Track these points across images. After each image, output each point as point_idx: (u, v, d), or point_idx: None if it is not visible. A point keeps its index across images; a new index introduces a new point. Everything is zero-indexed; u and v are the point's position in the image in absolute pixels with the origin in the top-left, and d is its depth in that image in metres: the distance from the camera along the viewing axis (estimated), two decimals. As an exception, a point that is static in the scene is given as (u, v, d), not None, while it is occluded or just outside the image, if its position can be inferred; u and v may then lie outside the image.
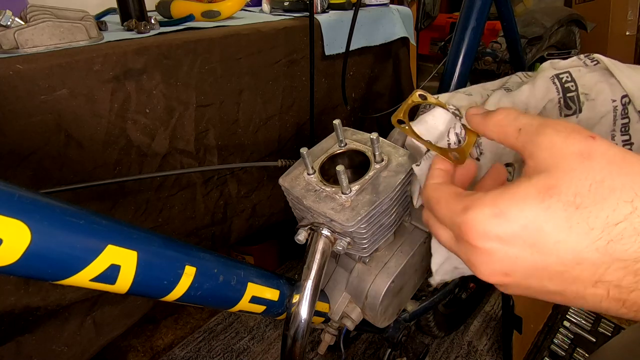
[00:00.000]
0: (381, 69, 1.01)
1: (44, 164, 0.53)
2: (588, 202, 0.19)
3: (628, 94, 0.30)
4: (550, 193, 0.20)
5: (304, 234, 0.45)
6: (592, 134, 0.20)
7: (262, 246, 1.22)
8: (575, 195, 0.19)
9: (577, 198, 0.19)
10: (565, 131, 0.21)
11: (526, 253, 0.21)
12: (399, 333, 0.67)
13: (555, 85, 0.32)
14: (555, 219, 0.19)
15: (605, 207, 0.19)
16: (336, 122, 0.46)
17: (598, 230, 0.19)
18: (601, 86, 0.31)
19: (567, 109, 0.32)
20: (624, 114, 0.30)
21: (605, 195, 0.19)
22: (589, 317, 1.07)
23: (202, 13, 0.76)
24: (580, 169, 0.19)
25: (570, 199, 0.19)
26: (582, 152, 0.20)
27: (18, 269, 0.25)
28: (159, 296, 0.34)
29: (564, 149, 0.20)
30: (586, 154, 0.20)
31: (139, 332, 1.09)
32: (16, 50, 0.52)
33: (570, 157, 0.20)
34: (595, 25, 1.55)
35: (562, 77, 0.32)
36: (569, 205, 0.19)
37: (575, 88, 0.32)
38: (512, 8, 0.76)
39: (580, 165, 0.19)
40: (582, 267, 0.20)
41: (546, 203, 0.20)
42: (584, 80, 0.32)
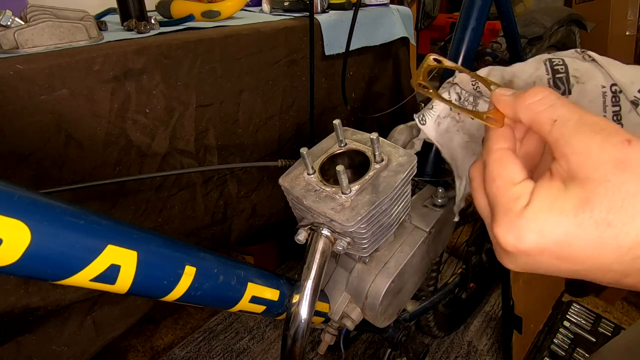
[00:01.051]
0: (381, 69, 1.01)
1: (44, 164, 0.53)
2: (620, 219, 0.19)
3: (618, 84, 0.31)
4: (584, 208, 0.20)
5: (304, 234, 0.45)
6: (629, 136, 0.20)
7: (262, 246, 1.22)
8: (608, 211, 0.20)
9: (609, 215, 0.20)
10: (602, 133, 0.20)
11: (553, 262, 0.22)
12: (399, 333, 0.67)
13: (546, 67, 0.33)
14: (586, 236, 0.20)
15: (636, 225, 0.19)
16: (336, 122, 0.46)
17: (626, 248, 0.20)
18: (593, 72, 0.32)
19: (556, 88, 0.33)
20: (615, 102, 0.31)
21: (636, 211, 0.19)
22: (589, 317, 1.07)
23: (202, 13, 0.76)
24: (614, 181, 0.20)
25: (603, 216, 0.20)
26: (618, 161, 0.20)
27: (18, 269, 0.25)
28: (159, 296, 0.34)
29: (599, 156, 0.20)
30: (621, 163, 0.20)
31: (139, 332, 1.09)
32: (16, 50, 0.52)
33: (605, 165, 0.20)
34: (595, 25, 1.54)
35: (553, 61, 0.33)
36: (601, 224, 0.20)
37: (564, 70, 0.33)
38: (512, 8, 0.76)
39: (614, 177, 0.20)
40: (605, 274, 0.21)
41: (579, 218, 0.20)
42: (577, 65, 0.33)
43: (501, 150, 0.25)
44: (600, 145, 0.20)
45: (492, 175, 0.25)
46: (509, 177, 0.24)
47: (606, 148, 0.20)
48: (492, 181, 0.24)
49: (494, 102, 0.27)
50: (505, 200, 0.23)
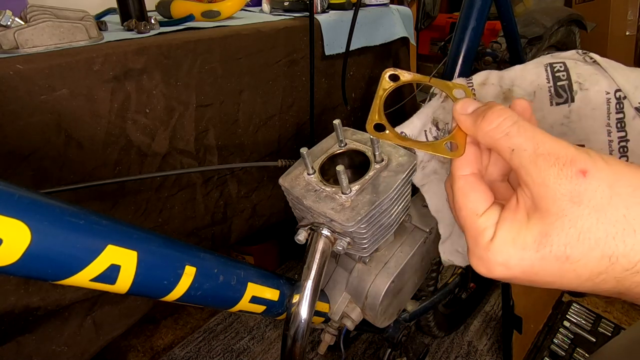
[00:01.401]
0: (381, 69, 1.00)
1: (44, 164, 0.53)
2: (577, 254, 0.21)
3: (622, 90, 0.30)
4: (544, 243, 0.22)
5: (304, 234, 0.45)
6: (584, 166, 0.21)
7: (262, 246, 1.22)
8: (565, 245, 0.21)
9: (567, 249, 0.21)
10: (558, 165, 0.21)
11: (526, 282, 0.24)
12: (399, 333, 0.67)
13: (547, 73, 0.32)
14: (549, 268, 0.22)
15: (591, 259, 0.21)
16: (336, 122, 0.46)
17: (585, 278, 0.21)
18: (596, 77, 0.31)
19: (557, 97, 0.32)
20: (619, 109, 0.30)
21: (591, 247, 0.20)
22: (589, 317, 1.07)
23: (202, 13, 0.76)
24: (570, 215, 0.21)
25: (562, 250, 0.21)
26: (572, 195, 0.21)
27: (18, 269, 0.25)
28: (159, 296, 0.34)
29: (556, 189, 0.21)
30: (576, 197, 0.21)
31: (139, 332, 1.09)
32: (16, 50, 0.52)
33: (562, 199, 0.21)
34: (595, 25, 1.54)
35: (554, 67, 0.32)
36: (560, 257, 0.21)
37: (566, 77, 0.32)
38: (512, 8, 0.76)
39: (570, 211, 0.21)
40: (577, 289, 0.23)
41: (540, 253, 0.22)
42: (579, 69, 0.32)
43: (463, 178, 0.26)
44: (556, 178, 0.21)
45: (458, 205, 0.26)
46: (472, 208, 0.25)
47: (562, 181, 0.21)
48: (459, 210, 0.26)
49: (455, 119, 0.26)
50: (472, 233, 0.25)
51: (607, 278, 0.21)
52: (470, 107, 0.26)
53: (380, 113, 0.29)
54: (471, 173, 0.26)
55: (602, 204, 0.20)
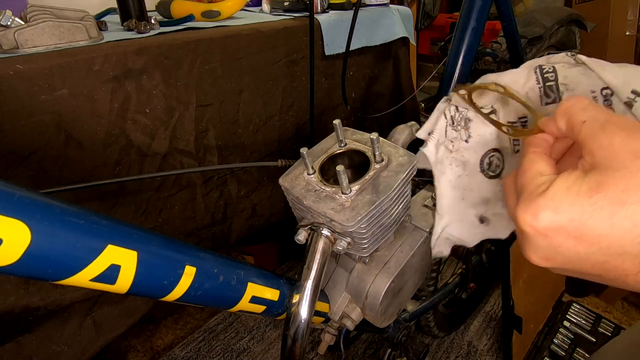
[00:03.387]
0: (381, 69, 1.01)
1: (44, 164, 0.53)
2: (635, 198, 0.20)
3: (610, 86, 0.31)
4: (599, 189, 0.21)
5: (304, 234, 0.45)
6: None
7: (262, 246, 1.22)
8: (623, 191, 0.21)
9: (624, 194, 0.21)
10: (627, 129, 0.22)
11: (569, 243, 0.23)
12: (399, 333, 0.67)
13: (536, 76, 0.34)
14: (601, 214, 0.21)
15: None
16: (336, 122, 0.46)
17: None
18: (581, 79, 0.32)
19: (546, 97, 0.34)
20: (607, 105, 0.31)
21: None
22: (589, 317, 1.07)
23: (202, 13, 0.76)
24: (632, 167, 0.21)
25: (618, 195, 0.21)
26: (637, 151, 0.21)
27: (18, 269, 0.25)
28: (159, 296, 0.34)
29: (621, 148, 0.21)
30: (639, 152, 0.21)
31: (139, 332, 1.09)
32: (16, 50, 0.52)
33: (625, 155, 0.21)
34: (595, 25, 1.54)
35: (544, 69, 0.34)
36: (616, 202, 0.21)
37: (554, 78, 0.33)
38: (512, 8, 0.76)
39: (632, 164, 0.21)
40: (624, 259, 0.21)
41: (594, 198, 0.21)
42: (565, 72, 0.33)
43: (536, 152, 0.27)
44: (624, 139, 0.22)
45: (524, 169, 0.27)
46: (538, 169, 0.26)
47: (628, 142, 0.21)
48: (522, 173, 0.26)
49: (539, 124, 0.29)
50: (531, 187, 0.25)
51: None
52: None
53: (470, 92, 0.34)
54: (542, 151, 0.28)
55: None
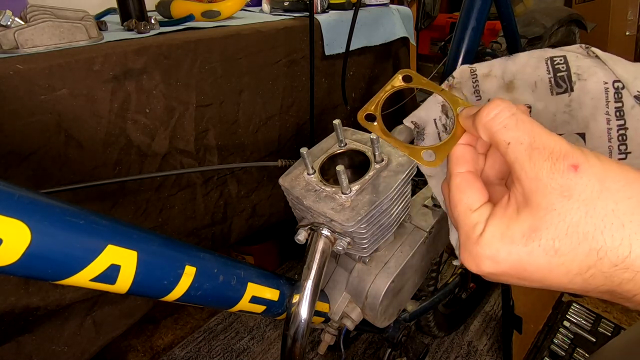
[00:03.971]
0: (381, 69, 1.01)
1: (44, 164, 0.53)
2: (565, 248, 0.21)
3: (622, 80, 0.31)
4: (532, 237, 0.22)
5: (304, 234, 0.45)
6: (577, 161, 0.21)
7: (262, 246, 1.22)
8: (554, 239, 0.21)
9: (555, 242, 0.21)
10: (551, 159, 0.21)
11: (514, 280, 0.24)
12: (399, 333, 0.67)
13: (547, 66, 0.33)
14: (537, 262, 0.22)
15: (579, 254, 0.21)
16: (336, 122, 0.46)
17: (574, 273, 0.21)
18: (594, 69, 0.32)
19: (557, 87, 0.33)
20: (617, 98, 0.31)
21: (579, 240, 0.21)
22: (589, 317, 1.07)
23: (202, 13, 0.76)
24: (559, 209, 0.21)
25: (550, 244, 0.21)
26: (563, 190, 0.21)
27: (18, 269, 0.25)
28: (159, 296, 0.34)
29: (548, 183, 0.21)
30: (566, 191, 0.21)
31: (139, 332, 1.09)
32: (16, 50, 0.52)
33: (552, 193, 0.21)
34: (595, 25, 1.54)
35: (555, 60, 0.33)
36: (549, 251, 0.21)
37: (565, 69, 0.33)
38: (512, 8, 0.76)
39: (559, 205, 0.21)
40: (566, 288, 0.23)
41: (529, 247, 0.22)
42: (579, 62, 0.33)
43: (460, 175, 0.26)
44: (549, 172, 0.21)
45: (454, 202, 0.26)
46: (467, 204, 0.25)
47: (554, 176, 0.21)
48: (454, 207, 0.26)
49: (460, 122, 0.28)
50: (465, 228, 0.25)
51: (595, 273, 0.21)
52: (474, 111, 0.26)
53: (378, 106, 0.29)
54: (467, 171, 0.26)
55: (591, 198, 0.21)
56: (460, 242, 0.25)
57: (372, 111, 0.29)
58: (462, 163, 0.27)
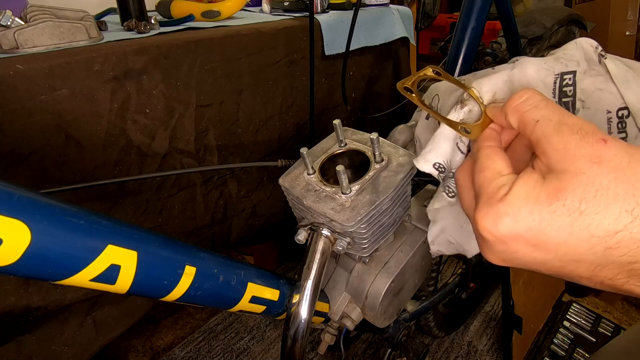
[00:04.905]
0: (381, 69, 1.01)
1: (44, 164, 0.53)
2: (592, 209, 0.20)
3: (628, 107, 0.29)
4: (558, 196, 0.21)
5: (304, 234, 0.45)
6: (605, 136, 0.21)
7: (262, 246, 1.22)
8: (581, 200, 0.20)
9: (582, 204, 0.20)
10: (580, 133, 0.22)
11: (527, 250, 0.23)
12: (399, 333, 0.67)
13: (554, 86, 0.31)
14: (559, 223, 0.21)
15: (607, 216, 0.20)
16: (336, 122, 0.46)
17: (598, 237, 0.20)
18: (598, 95, 0.30)
19: None
20: (621, 128, 0.29)
21: (609, 202, 0.20)
22: (589, 317, 1.07)
23: (202, 13, 0.76)
24: (589, 173, 0.21)
25: (576, 205, 0.21)
26: (592, 156, 0.21)
27: (18, 269, 0.25)
28: (159, 296, 0.34)
29: (576, 152, 0.21)
30: (596, 158, 0.21)
31: (139, 332, 1.09)
32: (16, 50, 0.52)
33: (581, 160, 0.21)
34: (595, 25, 1.54)
35: (564, 79, 0.31)
36: (574, 211, 0.21)
37: (572, 93, 0.31)
38: (512, 8, 0.76)
39: (589, 170, 0.21)
40: (579, 265, 0.22)
41: (553, 206, 0.21)
42: (584, 84, 0.31)
43: (490, 147, 0.27)
44: (578, 143, 0.22)
45: (481, 167, 0.26)
46: (497, 168, 0.25)
47: (583, 145, 0.21)
48: (480, 172, 0.26)
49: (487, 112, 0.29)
50: (490, 189, 0.24)
51: (624, 238, 0.20)
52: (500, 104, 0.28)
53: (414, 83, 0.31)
54: (497, 145, 0.27)
55: (621, 166, 0.20)
56: (480, 203, 0.25)
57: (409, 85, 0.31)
58: (492, 140, 0.28)
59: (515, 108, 0.25)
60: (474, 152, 0.28)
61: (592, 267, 0.22)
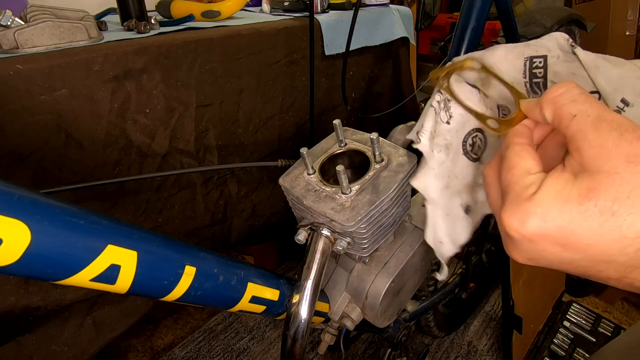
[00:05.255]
0: (381, 69, 1.01)
1: (44, 164, 0.53)
2: (625, 209, 0.20)
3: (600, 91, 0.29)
4: (589, 196, 0.21)
5: (304, 234, 0.45)
6: None
7: (262, 246, 1.22)
8: (614, 200, 0.20)
9: (615, 204, 0.20)
10: (619, 130, 0.21)
11: (555, 249, 0.22)
12: (399, 333, 0.67)
13: (524, 67, 0.32)
14: (589, 223, 0.21)
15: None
16: (336, 122, 0.46)
17: (630, 239, 0.20)
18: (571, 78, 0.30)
19: (533, 93, 0.32)
20: None
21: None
22: (589, 317, 1.07)
23: (202, 13, 0.76)
24: (623, 173, 0.20)
25: (609, 205, 0.20)
26: (629, 155, 0.20)
27: (18, 269, 0.25)
28: (159, 296, 0.34)
29: (613, 150, 0.21)
30: (633, 156, 0.20)
31: (139, 332, 1.09)
32: (16, 50, 0.52)
33: (617, 159, 0.20)
34: (595, 25, 1.54)
35: (534, 62, 0.31)
36: (606, 212, 0.20)
37: (542, 75, 0.31)
38: (512, 8, 0.76)
39: (624, 169, 0.20)
40: (608, 266, 0.21)
41: (584, 206, 0.21)
42: (558, 67, 0.31)
43: (520, 144, 0.26)
44: (616, 140, 0.21)
45: (510, 165, 0.25)
46: (525, 166, 0.25)
47: (621, 143, 0.21)
48: (508, 170, 0.25)
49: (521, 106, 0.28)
50: (517, 188, 0.24)
51: None
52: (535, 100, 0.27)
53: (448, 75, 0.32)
54: (527, 142, 0.26)
55: None
56: (508, 201, 0.24)
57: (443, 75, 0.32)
58: (522, 136, 0.27)
59: (552, 100, 0.24)
60: (502, 148, 0.27)
61: (623, 269, 0.21)
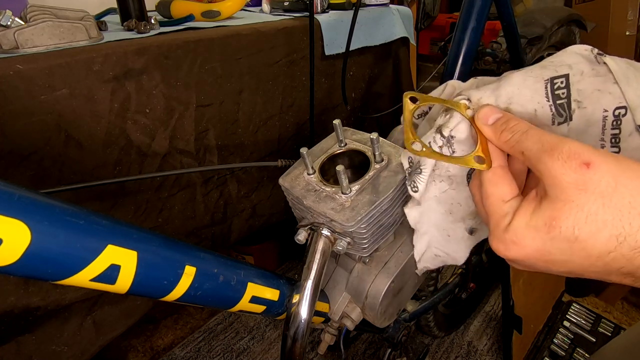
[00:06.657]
0: (381, 69, 1.01)
1: (44, 164, 0.53)
2: (585, 234, 0.22)
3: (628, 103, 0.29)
4: (553, 225, 0.23)
5: (304, 234, 0.45)
6: (587, 159, 0.23)
7: (262, 246, 1.22)
8: (574, 227, 0.23)
9: (575, 230, 0.23)
10: (561, 159, 0.23)
11: (541, 264, 0.26)
12: (399, 333, 0.67)
13: (546, 90, 0.31)
14: (560, 247, 0.24)
15: (599, 239, 0.22)
16: (336, 122, 0.46)
17: (595, 257, 0.23)
18: (597, 95, 0.30)
19: (559, 116, 0.31)
20: (615, 125, 0.30)
21: (599, 227, 0.22)
22: (589, 317, 1.07)
23: (202, 13, 0.76)
24: (577, 201, 0.22)
25: (570, 231, 0.23)
26: (578, 184, 0.22)
27: (18, 269, 0.25)
28: (159, 296, 0.34)
29: (562, 179, 0.23)
30: (581, 185, 0.22)
31: (139, 332, 1.09)
32: (16, 50, 0.52)
33: (568, 188, 0.23)
34: (595, 25, 1.54)
35: (555, 83, 0.30)
36: (570, 237, 0.23)
37: (565, 95, 0.30)
38: (512, 8, 0.76)
39: (577, 197, 0.22)
40: (589, 274, 0.25)
41: (551, 234, 0.24)
42: (582, 85, 0.30)
43: (492, 170, 0.29)
44: (561, 169, 0.23)
45: (486, 194, 0.28)
46: (499, 195, 0.28)
47: (566, 171, 0.23)
48: (486, 198, 0.28)
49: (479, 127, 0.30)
50: (496, 217, 0.27)
51: (616, 256, 0.22)
52: (490, 118, 0.29)
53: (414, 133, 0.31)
54: (498, 165, 0.29)
55: (607, 192, 0.22)
56: (491, 229, 0.28)
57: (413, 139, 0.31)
58: (494, 159, 0.29)
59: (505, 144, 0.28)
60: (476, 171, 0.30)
61: (600, 276, 0.24)
